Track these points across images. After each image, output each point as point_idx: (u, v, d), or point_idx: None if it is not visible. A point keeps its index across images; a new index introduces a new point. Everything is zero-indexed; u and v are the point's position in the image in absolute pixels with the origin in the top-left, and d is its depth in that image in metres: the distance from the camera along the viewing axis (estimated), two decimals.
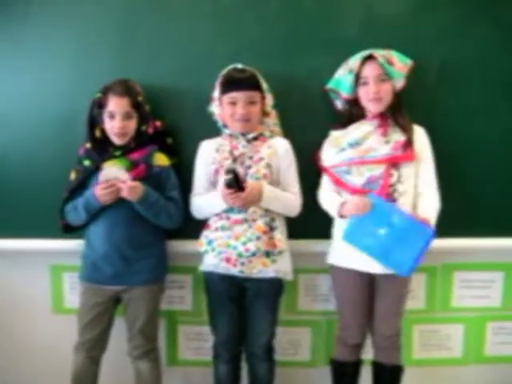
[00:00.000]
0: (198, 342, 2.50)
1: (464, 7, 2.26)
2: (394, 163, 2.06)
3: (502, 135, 2.32)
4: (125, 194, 2.02)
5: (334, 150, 2.14)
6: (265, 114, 2.17)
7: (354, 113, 2.15)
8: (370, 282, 2.14)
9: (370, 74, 2.07)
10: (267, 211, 2.05)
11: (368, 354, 2.26)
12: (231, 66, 2.12)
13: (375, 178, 2.06)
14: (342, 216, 2.09)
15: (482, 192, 2.34)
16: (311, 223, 2.20)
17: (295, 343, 2.51)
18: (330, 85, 2.21)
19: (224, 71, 2.12)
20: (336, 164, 2.12)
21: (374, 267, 2.07)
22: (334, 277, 2.22)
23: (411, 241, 1.99)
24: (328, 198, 2.16)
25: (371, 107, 2.10)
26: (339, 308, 2.22)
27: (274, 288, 2.15)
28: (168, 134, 2.26)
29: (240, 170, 2.03)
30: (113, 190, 2.02)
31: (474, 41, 2.27)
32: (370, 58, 2.08)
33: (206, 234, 2.10)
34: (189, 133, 2.28)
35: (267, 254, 2.03)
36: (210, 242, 2.08)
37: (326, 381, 2.28)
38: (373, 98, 2.07)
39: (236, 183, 1.96)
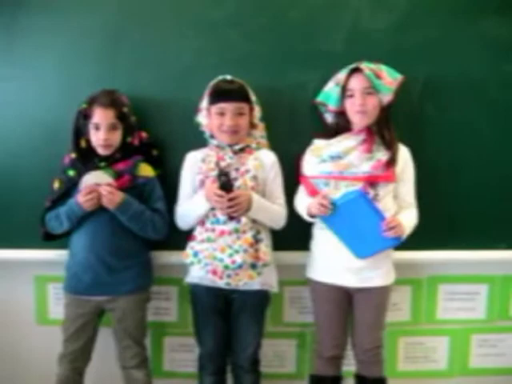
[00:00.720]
0: (183, 353, 2.49)
1: (449, 23, 2.28)
2: (371, 182, 2.05)
3: (485, 150, 2.34)
4: (103, 200, 2.02)
5: (315, 159, 2.14)
6: (252, 126, 2.17)
7: (340, 125, 2.15)
8: (347, 296, 2.15)
9: (356, 86, 2.06)
10: (254, 223, 2.05)
11: (351, 367, 2.25)
12: (220, 77, 2.13)
13: None
14: (311, 216, 2.11)
15: (466, 205, 2.35)
16: (297, 235, 2.20)
17: (280, 355, 2.51)
18: (319, 98, 2.21)
19: (213, 82, 2.12)
20: (315, 175, 2.12)
21: (351, 281, 2.09)
22: (311, 290, 2.23)
23: (379, 236, 2.00)
24: (301, 200, 2.17)
25: (357, 120, 2.09)
26: (315, 321, 2.23)
27: (260, 300, 2.16)
28: (154, 145, 2.26)
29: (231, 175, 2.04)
30: (95, 195, 2.02)
31: (459, 56, 2.30)
32: (357, 70, 2.07)
33: (192, 246, 2.09)
34: (174, 144, 2.28)
35: (253, 267, 2.03)
36: (195, 254, 2.07)
37: None
38: (358, 110, 2.06)
39: (228, 185, 1.98)
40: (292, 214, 2.17)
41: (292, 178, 2.20)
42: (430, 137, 2.31)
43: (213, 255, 2.02)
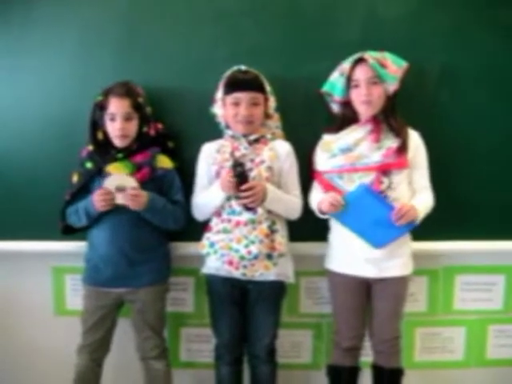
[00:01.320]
0: (200, 344, 2.50)
1: (466, 11, 2.27)
2: (384, 170, 2.05)
3: (503, 138, 2.32)
4: (130, 203, 2.02)
5: (326, 154, 2.14)
6: (267, 116, 2.17)
7: (347, 116, 2.14)
8: (365, 286, 2.15)
9: (361, 77, 2.05)
10: (269, 214, 2.05)
11: (368, 357, 2.25)
12: (235, 68, 2.12)
13: None
14: (322, 213, 2.11)
15: (483, 195, 2.34)
16: (313, 226, 2.19)
17: (297, 345, 2.51)
18: (325, 88, 2.20)
19: (228, 72, 2.12)
20: (327, 170, 2.11)
21: (370, 272, 2.09)
22: (330, 281, 2.23)
23: (392, 224, 2.00)
24: (315, 197, 2.16)
25: (362, 110, 2.08)
26: (334, 311, 2.23)
27: (276, 290, 2.16)
28: (169, 137, 2.26)
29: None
30: (108, 198, 2.02)
31: (476, 45, 2.28)
32: (361, 60, 2.06)
33: (208, 236, 2.10)
34: (190, 136, 2.28)
35: (269, 257, 2.03)
36: (212, 245, 2.08)
37: (327, 383, 2.27)
38: (364, 100, 2.05)
39: (243, 176, 1.98)
40: (308, 205, 2.17)
41: (307, 169, 2.19)
42: (446, 125, 2.29)
43: (229, 246, 2.03)
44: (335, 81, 2.15)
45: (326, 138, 2.16)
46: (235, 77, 2.10)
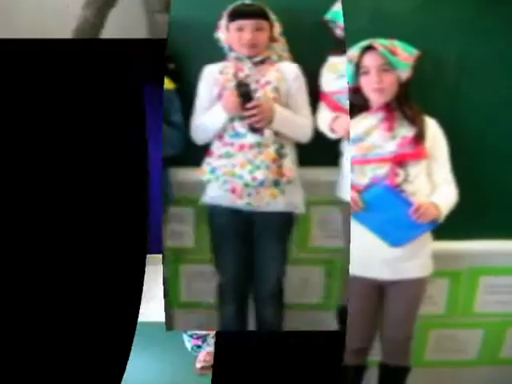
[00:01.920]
0: (201, 282, 2.33)
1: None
2: (400, 162, 1.94)
3: None
4: None
5: (332, 75, 2.03)
6: (273, 39, 2.05)
7: (356, 104, 2.03)
8: (378, 288, 2.06)
9: (371, 64, 1.95)
10: (277, 136, 1.96)
11: (376, 356, 2.16)
12: (239, 2, 2.02)
13: (379, 179, 1.95)
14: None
15: (510, 191, 2.18)
16: (325, 149, 2.05)
17: (306, 284, 2.34)
18: (329, 16, 2.07)
19: (232, 5, 2.02)
20: (335, 91, 2.02)
21: (384, 273, 2.01)
22: None
23: (412, 223, 1.93)
24: (322, 117, 2.03)
25: (374, 97, 1.98)
26: None
27: (284, 222, 2.07)
28: (170, 59, 2.11)
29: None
30: None
31: (495, 33, 2.13)
32: (370, 48, 1.97)
33: (209, 161, 2.00)
34: (192, 58, 2.13)
35: (275, 184, 1.94)
36: (213, 170, 1.98)
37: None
38: (375, 88, 1.96)
39: (248, 95, 1.92)
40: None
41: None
42: (467, 116, 2.15)
43: (232, 172, 1.94)
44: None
45: (333, 60, 2.03)
46: (239, 7, 2.02)
